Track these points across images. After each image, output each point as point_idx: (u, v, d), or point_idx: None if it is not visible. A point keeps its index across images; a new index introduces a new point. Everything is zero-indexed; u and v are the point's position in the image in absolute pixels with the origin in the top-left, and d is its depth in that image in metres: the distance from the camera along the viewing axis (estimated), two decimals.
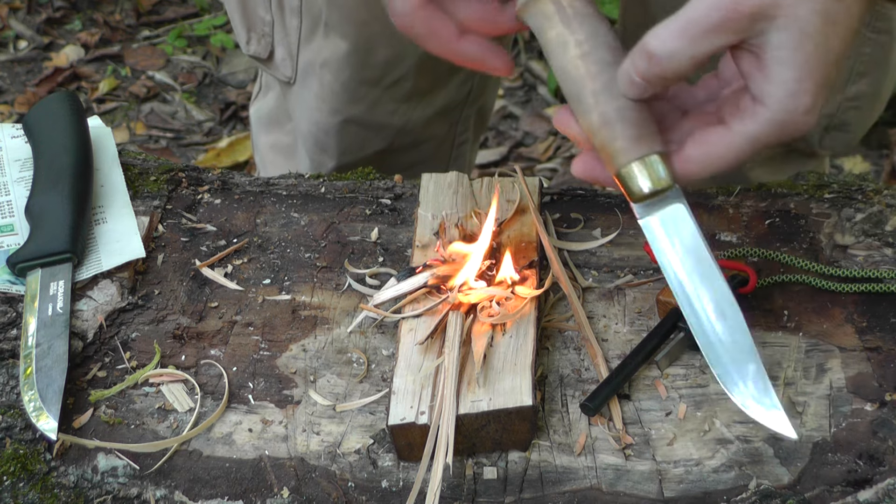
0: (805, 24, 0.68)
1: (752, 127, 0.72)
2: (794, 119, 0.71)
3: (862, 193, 0.99)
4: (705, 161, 0.74)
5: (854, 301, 0.90)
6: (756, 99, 0.72)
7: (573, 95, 0.75)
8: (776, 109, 0.71)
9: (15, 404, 0.84)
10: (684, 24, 0.70)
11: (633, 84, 0.73)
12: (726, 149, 0.73)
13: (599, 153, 0.76)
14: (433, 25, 0.81)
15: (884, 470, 0.77)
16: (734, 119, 0.73)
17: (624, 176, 0.75)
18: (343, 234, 1.00)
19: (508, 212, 0.96)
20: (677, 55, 0.70)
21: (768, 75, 0.70)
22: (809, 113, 0.71)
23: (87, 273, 0.94)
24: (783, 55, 0.70)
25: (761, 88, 0.71)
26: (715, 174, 0.75)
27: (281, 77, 1.38)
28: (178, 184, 1.06)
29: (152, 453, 0.81)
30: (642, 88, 0.73)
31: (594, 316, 0.91)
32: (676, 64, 0.71)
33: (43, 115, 1.04)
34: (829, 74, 0.71)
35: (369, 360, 0.88)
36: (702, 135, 0.74)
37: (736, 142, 0.73)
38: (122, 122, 2.57)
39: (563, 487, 0.78)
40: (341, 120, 1.35)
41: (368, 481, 0.79)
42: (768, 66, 0.70)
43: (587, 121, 0.75)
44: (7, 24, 2.83)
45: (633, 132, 0.74)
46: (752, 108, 0.72)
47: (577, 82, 0.75)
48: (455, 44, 0.82)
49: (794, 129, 0.72)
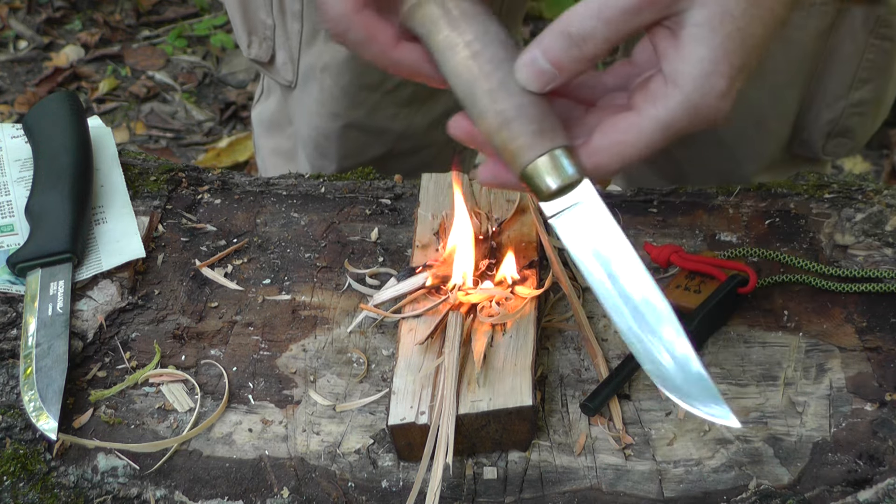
0: (728, 3, 0.65)
1: (663, 111, 0.68)
2: (708, 103, 0.67)
3: (862, 193, 1.00)
4: (614, 150, 0.69)
5: (854, 301, 0.90)
6: (669, 80, 0.68)
7: (467, 98, 0.72)
8: (689, 90, 0.67)
9: (15, 404, 0.84)
10: (602, 2, 0.66)
11: (539, 73, 0.69)
12: (636, 136, 0.69)
13: (501, 155, 0.71)
14: (371, 31, 0.75)
15: (884, 470, 0.77)
16: (645, 103, 0.69)
17: (529, 175, 0.70)
18: (343, 234, 1.00)
19: (508, 212, 0.96)
20: (596, 35, 0.67)
21: (683, 54, 0.67)
22: (724, 98, 0.67)
23: (87, 273, 0.94)
24: (701, 33, 0.66)
25: (675, 67, 0.67)
26: (626, 165, 0.70)
27: (282, 81, 1.38)
28: (178, 184, 1.06)
29: (152, 453, 0.81)
30: (549, 76, 0.69)
31: (594, 316, 0.91)
32: (593, 45, 0.67)
33: (43, 115, 1.04)
34: (749, 60, 0.67)
35: (369, 360, 0.88)
36: (610, 123, 0.70)
37: (646, 127, 0.68)
38: (122, 122, 2.58)
39: (563, 487, 0.78)
40: (342, 124, 1.35)
41: (368, 481, 0.79)
42: (684, 44, 0.67)
43: (485, 123, 0.71)
44: (7, 24, 2.83)
45: (534, 127, 0.69)
46: (663, 91, 0.68)
47: (471, 84, 0.71)
48: (392, 51, 0.76)
49: (708, 114, 0.68)
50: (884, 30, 1.21)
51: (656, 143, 0.69)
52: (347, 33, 0.75)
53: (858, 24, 1.20)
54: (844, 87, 1.25)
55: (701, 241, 0.97)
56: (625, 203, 1.02)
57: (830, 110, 1.28)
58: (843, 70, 1.24)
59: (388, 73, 0.79)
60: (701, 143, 1.35)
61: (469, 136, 0.74)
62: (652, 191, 1.03)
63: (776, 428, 0.80)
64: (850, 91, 1.26)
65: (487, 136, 0.71)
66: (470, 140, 0.74)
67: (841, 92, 1.26)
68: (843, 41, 1.21)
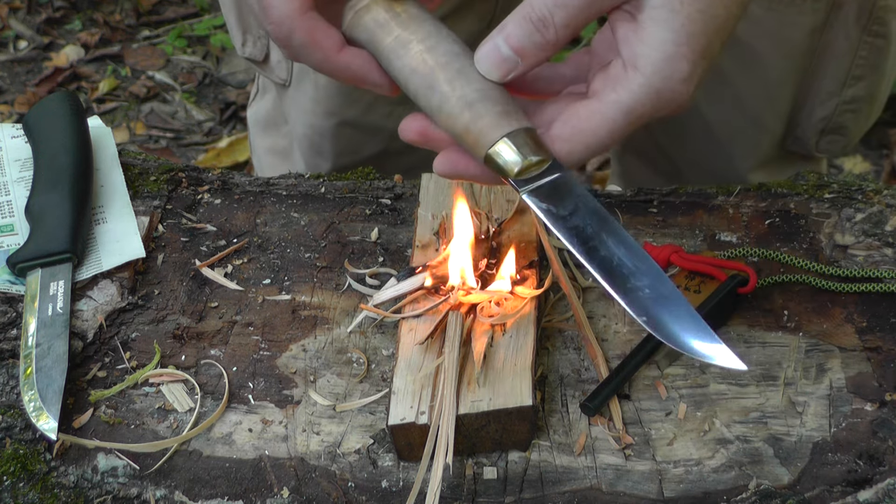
0: None
1: (625, 95, 0.66)
2: (670, 87, 0.66)
3: (862, 193, 1.00)
4: (576, 139, 0.68)
5: (854, 301, 0.90)
6: (629, 64, 0.66)
7: (424, 91, 0.70)
8: (650, 73, 0.65)
9: (15, 404, 0.84)
10: None
11: (501, 61, 0.68)
12: (598, 123, 0.67)
13: (462, 141, 0.70)
14: (315, 35, 0.73)
15: (884, 470, 0.77)
16: (605, 89, 0.67)
17: (494, 155, 0.68)
18: (343, 234, 1.00)
19: (508, 212, 0.96)
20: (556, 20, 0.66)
21: (643, 37, 0.65)
22: (686, 82, 0.66)
23: (87, 273, 0.94)
24: (661, 15, 0.65)
25: (635, 51, 0.66)
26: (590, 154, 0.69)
27: (276, 79, 1.38)
28: (178, 184, 1.06)
29: (152, 453, 0.81)
30: (511, 64, 0.68)
31: (594, 316, 0.91)
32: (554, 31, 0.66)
33: (43, 115, 1.04)
34: (711, 44, 0.66)
35: (369, 360, 0.88)
36: (570, 112, 0.68)
37: (608, 114, 0.67)
38: (122, 122, 2.57)
39: (563, 487, 0.78)
40: (336, 122, 1.35)
41: (368, 481, 0.79)
42: (644, 27, 0.65)
43: (444, 111, 0.69)
44: (7, 24, 2.83)
45: (498, 109, 0.68)
46: (624, 76, 0.66)
47: (428, 76, 0.70)
48: (336, 56, 0.74)
49: (671, 98, 0.66)
50: (877, 27, 1.21)
51: (619, 129, 0.67)
52: (291, 37, 0.73)
53: (852, 21, 1.20)
54: (838, 84, 1.26)
55: (701, 241, 0.97)
56: (625, 203, 1.02)
57: (824, 107, 1.28)
58: (836, 67, 1.24)
59: (332, 79, 0.76)
60: (695, 140, 1.35)
61: (422, 136, 0.73)
62: (652, 191, 1.03)
63: (776, 428, 0.80)
64: (843, 88, 1.26)
65: (448, 124, 0.70)
66: (424, 140, 0.73)
67: (834, 89, 1.26)
68: (837, 38, 1.22)
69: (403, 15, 0.73)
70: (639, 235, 0.98)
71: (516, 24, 0.68)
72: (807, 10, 1.19)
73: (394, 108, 1.35)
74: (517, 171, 0.68)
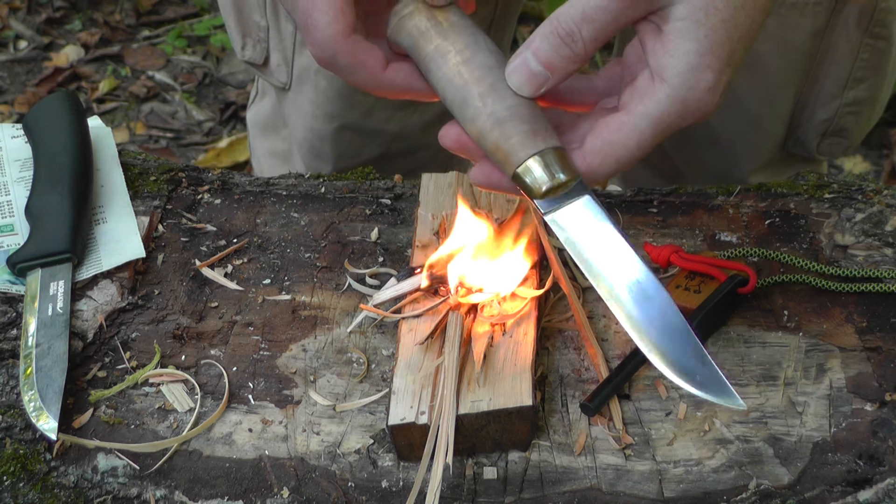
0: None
1: (652, 106, 0.68)
2: (696, 96, 0.67)
3: (862, 193, 1.00)
4: (606, 151, 0.69)
5: (854, 301, 0.90)
6: (656, 75, 0.68)
7: (459, 103, 0.72)
8: (676, 84, 0.67)
9: (15, 404, 0.84)
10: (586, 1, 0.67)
11: (531, 76, 0.69)
12: (627, 135, 0.68)
13: (493, 157, 0.71)
14: (360, 57, 0.74)
15: (884, 470, 0.77)
16: (633, 101, 0.68)
17: (522, 174, 0.70)
18: (343, 234, 1.00)
19: (508, 212, 0.96)
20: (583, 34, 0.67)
21: (669, 48, 0.66)
22: (712, 91, 0.67)
23: (87, 273, 0.94)
24: (686, 27, 0.66)
25: (661, 62, 0.67)
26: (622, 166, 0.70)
27: (276, 83, 1.38)
28: (178, 184, 1.06)
29: (152, 453, 0.81)
30: (542, 78, 0.69)
31: (594, 316, 0.91)
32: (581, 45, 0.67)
33: (43, 115, 1.04)
34: (735, 52, 0.67)
35: (369, 360, 0.88)
36: (601, 125, 0.69)
37: (637, 126, 0.68)
38: (122, 122, 2.57)
39: (563, 487, 0.78)
40: (336, 126, 1.35)
41: (368, 481, 0.79)
42: (669, 39, 0.67)
43: (476, 126, 0.71)
44: (7, 24, 2.83)
45: (526, 128, 0.70)
46: (651, 87, 0.68)
47: (462, 89, 0.72)
48: (382, 75, 0.76)
49: (697, 107, 0.67)
50: (878, 29, 1.21)
51: (647, 140, 0.69)
52: (335, 58, 0.74)
53: (853, 23, 1.20)
54: (839, 86, 1.26)
55: (701, 241, 0.98)
56: (625, 203, 1.02)
57: (825, 109, 1.28)
58: (837, 69, 1.24)
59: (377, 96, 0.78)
60: (697, 143, 1.35)
61: (459, 145, 0.74)
62: (652, 191, 1.03)
63: (776, 428, 0.80)
64: (844, 90, 1.26)
65: (479, 139, 0.72)
66: (460, 148, 0.74)
67: (835, 91, 1.26)
68: (838, 40, 1.22)
69: (445, 24, 0.74)
70: (639, 235, 0.98)
71: (543, 39, 0.69)
72: (808, 12, 1.19)
73: (393, 112, 1.35)
74: (544, 190, 0.70)
